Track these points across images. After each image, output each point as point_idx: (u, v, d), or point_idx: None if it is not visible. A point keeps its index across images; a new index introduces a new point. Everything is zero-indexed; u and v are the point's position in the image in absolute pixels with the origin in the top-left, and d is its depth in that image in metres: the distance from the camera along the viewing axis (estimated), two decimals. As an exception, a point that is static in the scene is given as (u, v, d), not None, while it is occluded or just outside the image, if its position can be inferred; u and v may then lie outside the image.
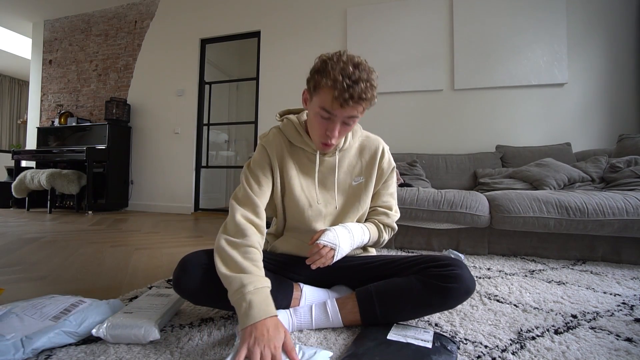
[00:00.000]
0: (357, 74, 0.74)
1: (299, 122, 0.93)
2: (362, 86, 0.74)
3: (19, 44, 5.41)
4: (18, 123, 6.69)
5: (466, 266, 0.81)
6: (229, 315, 0.93)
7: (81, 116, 4.45)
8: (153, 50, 4.18)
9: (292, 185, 0.91)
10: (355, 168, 0.96)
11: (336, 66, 0.74)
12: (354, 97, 0.74)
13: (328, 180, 0.94)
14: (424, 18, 3.12)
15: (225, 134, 4.71)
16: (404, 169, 2.55)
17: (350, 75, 0.73)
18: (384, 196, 1.00)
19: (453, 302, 0.79)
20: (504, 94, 2.94)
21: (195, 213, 3.86)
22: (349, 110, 0.76)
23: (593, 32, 2.78)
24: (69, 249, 1.86)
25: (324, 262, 0.82)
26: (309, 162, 0.93)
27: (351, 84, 0.73)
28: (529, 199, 1.71)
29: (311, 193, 0.93)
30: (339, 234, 0.85)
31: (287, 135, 0.93)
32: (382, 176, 0.98)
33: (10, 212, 3.73)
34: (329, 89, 0.75)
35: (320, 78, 0.76)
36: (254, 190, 0.87)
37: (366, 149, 0.97)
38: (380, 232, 0.98)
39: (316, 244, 0.82)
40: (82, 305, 0.85)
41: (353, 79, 0.73)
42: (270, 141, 0.92)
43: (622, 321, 0.93)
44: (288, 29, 3.59)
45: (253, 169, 0.90)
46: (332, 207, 0.94)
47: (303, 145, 0.92)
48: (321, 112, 0.78)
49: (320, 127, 0.81)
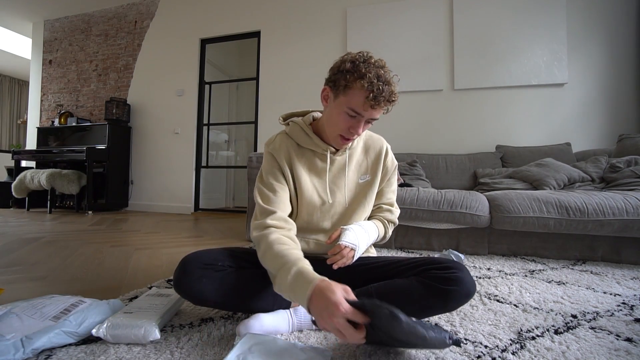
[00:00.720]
0: (387, 76, 0.78)
1: (306, 124, 0.94)
2: (392, 88, 0.78)
3: (19, 44, 5.41)
4: (18, 123, 6.70)
5: (467, 269, 0.81)
6: (229, 315, 0.93)
7: (81, 116, 4.45)
8: (153, 50, 4.18)
9: (303, 187, 0.92)
10: (362, 166, 0.98)
11: (371, 69, 0.77)
12: (385, 99, 0.77)
13: (338, 179, 0.95)
14: (424, 18, 3.12)
15: (225, 134, 4.71)
16: (404, 169, 2.55)
17: (383, 78, 0.77)
18: (387, 194, 1.03)
19: (453, 304, 0.79)
20: (504, 94, 2.95)
21: (195, 213, 3.86)
22: (378, 111, 0.80)
23: (593, 32, 2.78)
24: (69, 249, 1.86)
25: (345, 262, 0.84)
26: (319, 162, 0.94)
27: (384, 86, 0.77)
28: (529, 199, 1.71)
29: (323, 192, 0.94)
30: (358, 234, 0.87)
31: (295, 139, 0.94)
32: (387, 174, 1.01)
33: (10, 212, 3.73)
34: (364, 91, 0.77)
35: (354, 79, 0.78)
36: (271, 201, 0.87)
37: (371, 148, 1.00)
38: (386, 229, 1.01)
39: (338, 245, 0.84)
40: (82, 305, 0.85)
41: (385, 82, 0.77)
42: (277, 147, 0.93)
43: (622, 321, 0.93)
44: (288, 29, 3.59)
45: (265, 180, 0.90)
46: (342, 206, 0.96)
47: (312, 147, 0.93)
48: (349, 112, 0.80)
49: (344, 124, 0.83)
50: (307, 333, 0.83)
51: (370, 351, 0.75)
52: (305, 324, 0.85)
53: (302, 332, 0.84)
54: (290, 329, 0.84)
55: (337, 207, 0.95)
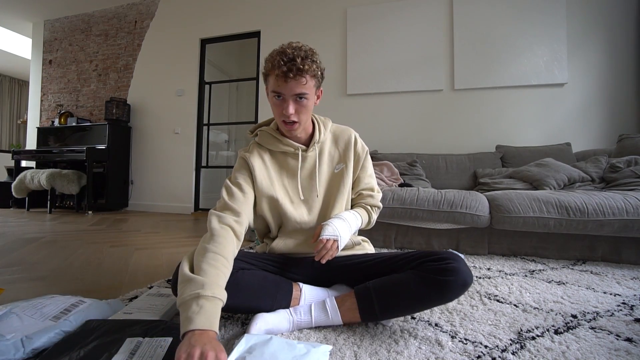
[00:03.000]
0: (293, 53, 0.83)
1: (273, 129, 0.98)
2: (299, 61, 0.82)
3: (19, 44, 5.40)
4: (18, 123, 6.70)
5: (463, 259, 0.81)
6: (229, 316, 0.93)
7: (81, 116, 4.45)
8: (153, 50, 4.18)
9: (274, 189, 0.95)
10: (334, 157, 1.02)
11: (276, 53, 0.85)
12: (292, 70, 0.82)
13: (314, 174, 0.99)
14: (424, 18, 3.12)
15: (225, 134, 4.71)
16: (404, 169, 2.54)
17: (286, 53, 0.83)
18: (364, 179, 1.06)
19: (451, 295, 0.79)
20: (504, 94, 2.94)
21: (195, 213, 3.86)
22: (294, 84, 0.83)
23: (593, 32, 2.78)
24: (69, 249, 1.86)
25: (332, 254, 0.87)
26: (292, 161, 0.99)
27: (287, 60, 0.82)
28: (529, 199, 1.71)
29: (295, 190, 0.97)
30: (337, 225, 0.90)
31: (266, 145, 0.98)
32: (359, 160, 1.04)
33: (10, 212, 3.73)
34: (272, 70, 0.85)
35: (266, 67, 0.87)
36: (235, 195, 0.90)
37: (340, 138, 1.04)
38: (369, 214, 1.04)
39: (319, 240, 0.86)
40: (82, 305, 0.85)
41: (289, 57, 0.82)
42: (250, 153, 0.97)
43: (622, 321, 0.93)
44: (288, 29, 3.59)
45: (233, 178, 0.94)
46: (319, 199, 0.99)
47: (283, 149, 0.97)
48: (274, 96, 0.87)
49: (278, 109, 0.88)
50: (307, 332, 0.83)
51: (371, 351, 0.75)
52: (305, 323, 0.85)
53: (302, 331, 0.84)
54: (291, 328, 0.84)
55: (318, 200, 0.99)
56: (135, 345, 0.67)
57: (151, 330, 0.73)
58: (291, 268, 0.96)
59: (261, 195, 0.94)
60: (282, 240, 0.99)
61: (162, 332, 0.73)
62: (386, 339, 0.80)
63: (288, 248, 0.98)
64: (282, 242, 0.99)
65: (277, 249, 0.99)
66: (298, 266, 0.96)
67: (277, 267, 0.94)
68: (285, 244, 0.98)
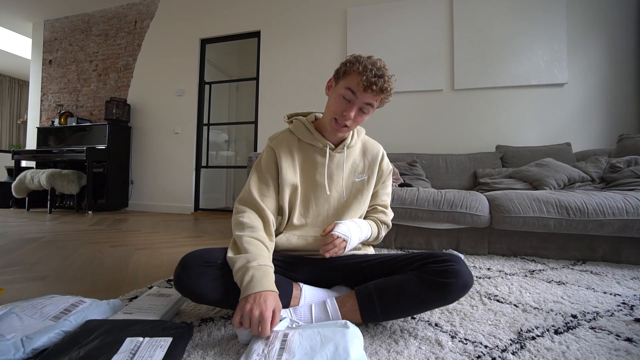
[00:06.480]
0: (382, 70, 0.87)
1: (308, 121, 1.01)
2: (385, 79, 0.86)
3: (19, 44, 5.41)
4: (18, 123, 6.69)
5: (464, 261, 0.81)
6: (229, 315, 0.93)
7: (81, 116, 4.45)
8: (153, 50, 4.18)
9: (299, 180, 0.97)
10: (359, 166, 1.04)
11: (367, 60, 0.87)
12: (377, 84, 0.85)
13: (335, 175, 1.01)
14: (424, 18, 3.12)
15: (225, 134, 4.71)
16: (404, 169, 2.54)
17: (377, 68, 0.86)
18: (382, 195, 1.09)
19: (452, 297, 0.79)
20: (504, 94, 2.95)
21: (195, 213, 3.86)
22: (369, 96, 0.87)
23: (593, 32, 2.78)
24: (69, 249, 1.86)
25: (337, 252, 0.89)
26: (319, 157, 1.00)
27: (377, 74, 0.85)
28: (529, 199, 1.71)
29: (320, 186, 0.99)
30: (350, 227, 0.93)
31: (297, 134, 1.01)
32: (382, 176, 1.07)
33: (10, 212, 3.73)
34: (359, 74, 0.86)
35: (352, 65, 0.88)
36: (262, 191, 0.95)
37: (368, 151, 1.06)
38: (379, 229, 1.06)
39: (330, 235, 0.89)
40: (82, 305, 0.85)
41: (379, 72, 0.86)
42: (279, 142, 1.00)
43: (622, 321, 0.93)
44: (288, 29, 3.59)
45: (261, 170, 0.97)
46: (337, 200, 1.01)
47: (313, 142, 0.99)
48: (345, 93, 0.88)
49: (339, 107, 0.90)
50: (307, 333, 0.83)
51: (371, 351, 0.75)
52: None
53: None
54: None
55: (333, 202, 1.00)
56: (135, 345, 0.67)
57: (151, 330, 0.73)
58: (292, 267, 0.96)
59: (284, 184, 0.96)
60: (285, 236, 0.99)
61: (162, 332, 0.73)
62: (386, 339, 0.80)
63: (291, 244, 0.98)
64: (285, 237, 0.99)
65: (279, 244, 0.99)
66: (298, 265, 0.96)
67: (277, 265, 0.94)
68: (287, 239, 0.99)
